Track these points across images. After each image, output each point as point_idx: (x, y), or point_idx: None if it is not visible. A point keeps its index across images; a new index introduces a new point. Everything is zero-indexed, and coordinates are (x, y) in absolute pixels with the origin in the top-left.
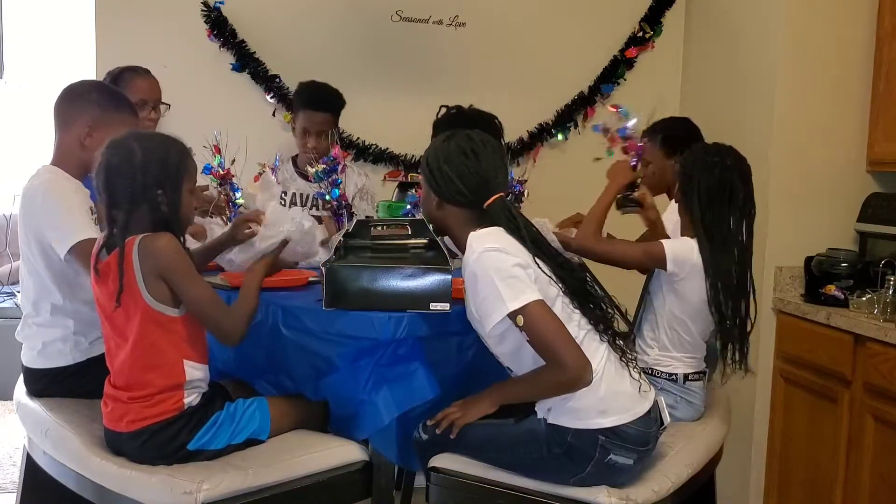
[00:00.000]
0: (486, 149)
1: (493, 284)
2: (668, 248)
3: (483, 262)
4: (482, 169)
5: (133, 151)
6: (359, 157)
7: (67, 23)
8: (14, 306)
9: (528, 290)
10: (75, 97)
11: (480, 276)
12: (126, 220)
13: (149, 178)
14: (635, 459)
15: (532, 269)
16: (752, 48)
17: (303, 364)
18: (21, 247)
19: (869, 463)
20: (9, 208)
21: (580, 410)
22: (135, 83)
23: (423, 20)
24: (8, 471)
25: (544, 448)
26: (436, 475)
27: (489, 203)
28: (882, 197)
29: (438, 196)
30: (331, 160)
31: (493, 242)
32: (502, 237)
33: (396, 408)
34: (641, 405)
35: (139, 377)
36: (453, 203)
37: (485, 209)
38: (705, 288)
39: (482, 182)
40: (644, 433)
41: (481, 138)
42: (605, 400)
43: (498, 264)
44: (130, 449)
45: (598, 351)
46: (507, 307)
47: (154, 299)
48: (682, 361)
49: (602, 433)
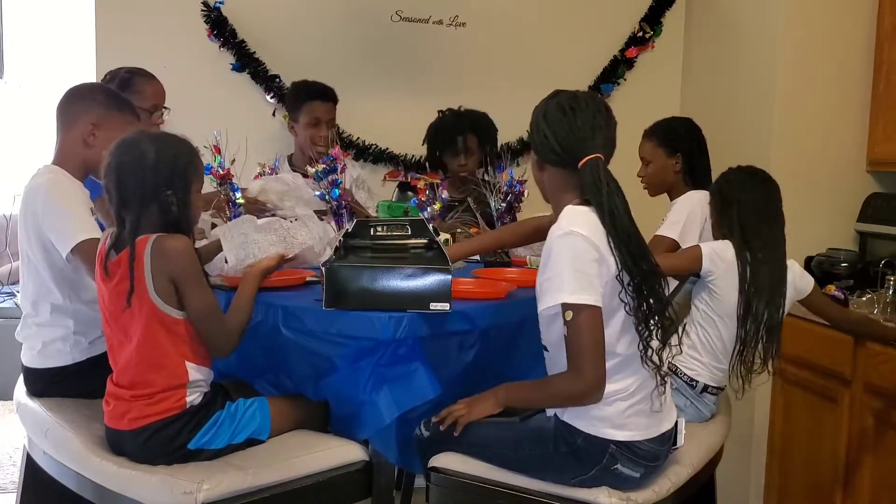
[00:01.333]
0: (588, 107)
1: (563, 269)
2: (704, 250)
3: (565, 243)
4: (577, 126)
5: (144, 151)
6: (359, 156)
7: (67, 23)
8: (14, 306)
9: (593, 291)
10: (79, 97)
11: (555, 255)
12: (136, 219)
13: (160, 178)
14: (642, 473)
15: (608, 266)
16: (753, 48)
17: (303, 364)
18: (21, 246)
19: (869, 463)
20: (9, 208)
21: (595, 418)
22: (147, 87)
23: (423, 20)
24: (8, 471)
25: (551, 445)
26: (436, 475)
27: (582, 163)
28: (882, 197)
29: (538, 156)
30: (331, 160)
31: (584, 227)
32: (594, 224)
33: (397, 408)
34: (659, 427)
35: (143, 376)
36: (550, 163)
37: (579, 169)
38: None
39: (577, 140)
40: (655, 451)
41: (587, 97)
42: (623, 416)
43: (577, 252)
44: (132, 447)
45: (638, 371)
46: (564, 297)
47: (161, 300)
48: (707, 369)
49: (614, 443)
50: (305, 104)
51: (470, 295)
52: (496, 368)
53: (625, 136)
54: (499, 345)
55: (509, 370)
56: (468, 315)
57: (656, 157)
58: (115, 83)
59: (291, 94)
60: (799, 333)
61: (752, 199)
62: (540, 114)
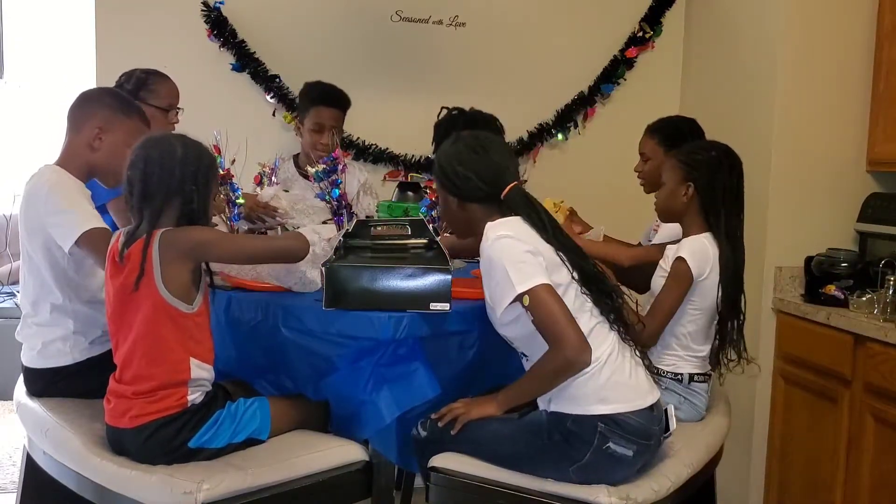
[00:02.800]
0: (493, 143)
1: (504, 269)
2: (691, 264)
3: (496, 249)
4: (494, 161)
5: (174, 145)
6: (359, 156)
7: (67, 23)
8: (14, 306)
9: (537, 274)
10: (88, 101)
11: (494, 262)
12: (157, 213)
13: (186, 172)
14: (635, 451)
15: (543, 256)
16: (753, 48)
17: (303, 364)
18: (22, 245)
19: (869, 463)
20: (9, 208)
21: (579, 397)
22: (163, 87)
23: (423, 20)
24: (8, 471)
25: (545, 436)
26: (436, 475)
27: (506, 192)
28: (882, 197)
29: (458, 197)
30: (331, 160)
31: (505, 230)
32: (516, 225)
33: (397, 408)
34: (643, 399)
35: (145, 370)
36: (474, 200)
37: (503, 199)
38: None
39: (497, 173)
40: (645, 426)
41: (485, 135)
42: (605, 388)
43: (509, 250)
44: (133, 446)
45: (606, 340)
46: (516, 290)
47: (169, 292)
48: (687, 361)
49: (601, 420)
50: (312, 108)
51: (470, 295)
52: (496, 368)
53: (624, 135)
54: (499, 345)
55: (509, 370)
56: (468, 315)
57: (656, 154)
58: (132, 83)
59: (302, 94)
60: (799, 333)
61: (730, 183)
62: (453, 160)
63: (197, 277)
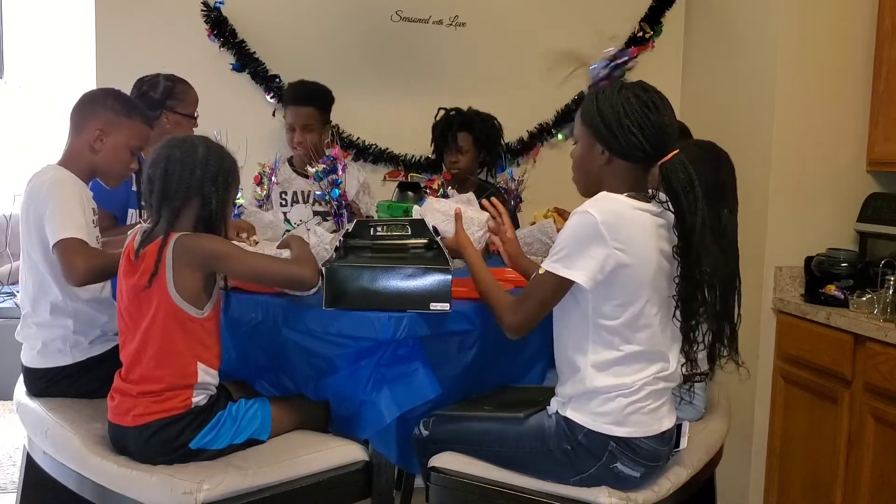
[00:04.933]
0: (664, 101)
1: (562, 241)
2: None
3: (574, 220)
4: (663, 122)
5: (196, 146)
6: (359, 156)
7: (67, 23)
8: (14, 306)
9: (574, 268)
10: (90, 102)
11: (565, 230)
12: (175, 213)
13: (208, 173)
14: (642, 473)
15: (615, 254)
16: (752, 48)
17: (303, 364)
18: (22, 244)
19: (869, 463)
20: (9, 208)
21: (599, 415)
22: (190, 94)
23: (423, 20)
24: (8, 471)
25: (552, 441)
26: (436, 475)
27: (669, 158)
28: (882, 197)
29: (610, 150)
30: (331, 160)
31: (600, 211)
32: (623, 211)
33: (397, 408)
34: (660, 424)
35: (152, 372)
36: (628, 158)
37: (665, 165)
38: None
39: (663, 136)
40: (656, 450)
41: (654, 89)
42: (624, 413)
43: (579, 229)
44: (134, 444)
45: (649, 368)
46: (550, 262)
47: (180, 296)
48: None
49: (614, 440)
50: (286, 108)
51: (470, 295)
52: (496, 368)
53: None
54: (499, 345)
55: (509, 370)
56: (468, 315)
57: None
58: (159, 91)
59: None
60: (799, 333)
61: (723, 182)
62: (619, 110)
63: (209, 284)
